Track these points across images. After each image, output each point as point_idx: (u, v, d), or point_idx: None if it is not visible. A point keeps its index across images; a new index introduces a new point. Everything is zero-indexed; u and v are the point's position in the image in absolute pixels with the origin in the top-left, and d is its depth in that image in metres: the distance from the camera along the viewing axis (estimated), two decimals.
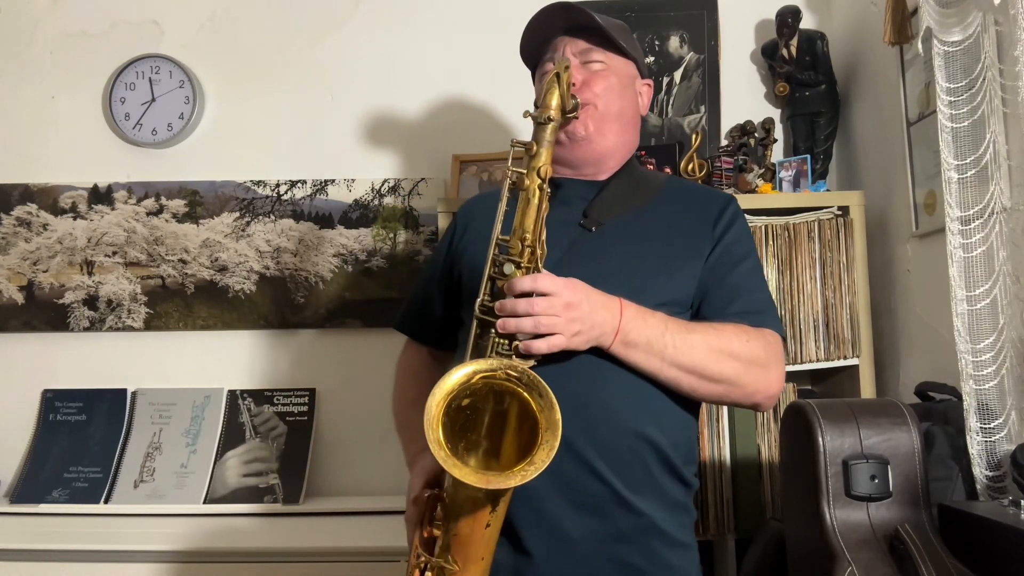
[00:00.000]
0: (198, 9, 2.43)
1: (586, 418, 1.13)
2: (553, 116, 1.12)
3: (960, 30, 1.51)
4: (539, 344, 1.06)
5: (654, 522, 1.17)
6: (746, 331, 1.20)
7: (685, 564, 1.21)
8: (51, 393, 2.32)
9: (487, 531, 1.06)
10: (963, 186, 1.52)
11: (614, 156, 1.35)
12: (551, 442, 0.97)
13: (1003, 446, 1.46)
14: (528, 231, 1.09)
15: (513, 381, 1.02)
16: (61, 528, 2.04)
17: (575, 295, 1.08)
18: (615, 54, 1.35)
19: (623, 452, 1.15)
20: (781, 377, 1.23)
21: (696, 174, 2.11)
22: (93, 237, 2.36)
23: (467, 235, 1.36)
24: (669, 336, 1.14)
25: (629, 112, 1.36)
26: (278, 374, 2.32)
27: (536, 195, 1.09)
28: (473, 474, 0.97)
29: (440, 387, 1.00)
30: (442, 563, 1.06)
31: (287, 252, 2.35)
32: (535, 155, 1.10)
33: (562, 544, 1.14)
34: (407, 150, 2.37)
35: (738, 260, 1.28)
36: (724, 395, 1.21)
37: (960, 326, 1.50)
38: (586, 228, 1.26)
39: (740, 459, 1.96)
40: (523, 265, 1.09)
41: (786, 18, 2.18)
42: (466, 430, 1.07)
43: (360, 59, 2.40)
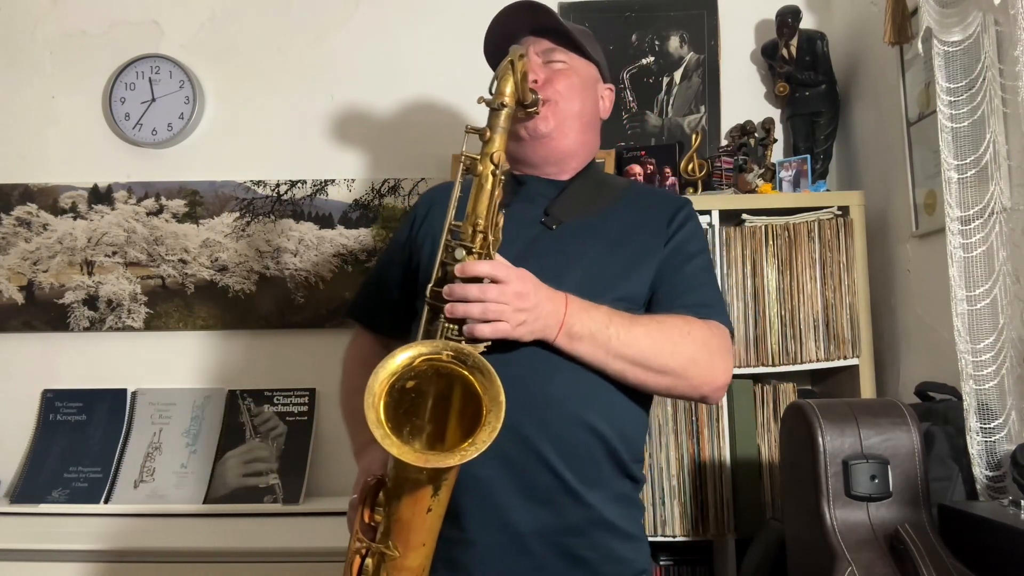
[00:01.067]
0: (198, 9, 2.43)
1: (539, 410, 1.14)
2: (507, 102, 1.12)
3: (960, 30, 1.51)
4: (483, 328, 1.05)
5: (602, 515, 1.18)
6: (690, 322, 1.21)
7: (634, 556, 1.22)
8: (51, 393, 2.32)
9: (428, 516, 1.04)
10: (963, 186, 1.52)
11: (576, 156, 1.36)
12: (493, 423, 0.96)
13: (1003, 446, 1.46)
14: (480, 217, 1.08)
15: (457, 363, 1.01)
16: (61, 528, 2.03)
17: (524, 285, 1.09)
18: (578, 55, 1.37)
19: (574, 444, 1.16)
20: (728, 369, 1.24)
21: (696, 174, 2.11)
22: (93, 237, 2.36)
23: (425, 224, 1.36)
24: (613, 328, 1.15)
25: (589, 113, 1.38)
26: (278, 374, 2.31)
27: (489, 180, 1.09)
28: (412, 453, 0.95)
29: (383, 367, 0.99)
30: (383, 549, 1.04)
31: (287, 252, 2.35)
32: (488, 141, 1.11)
33: (508, 534, 1.14)
34: (407, 150, 2.37)
35: (689, 257, 1.30)
36: (671, 387, 1.21)
37: (960, 326, 1.50)
38: (547, 226, 1.27)
39: (740, 459, 1.96)
40: (475, 251, 1.08)
41: (786, 18, 2.18)
42: (411, 415, 1.06)
43: (360, 59, 2.40)
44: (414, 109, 2.38)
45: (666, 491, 1.95)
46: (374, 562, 1.06)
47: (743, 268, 2.01)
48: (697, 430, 1.97)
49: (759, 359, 1.98)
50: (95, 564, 1.88)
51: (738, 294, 2.00)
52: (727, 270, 2.01)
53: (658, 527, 1.94)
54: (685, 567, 2.04)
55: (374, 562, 1.06)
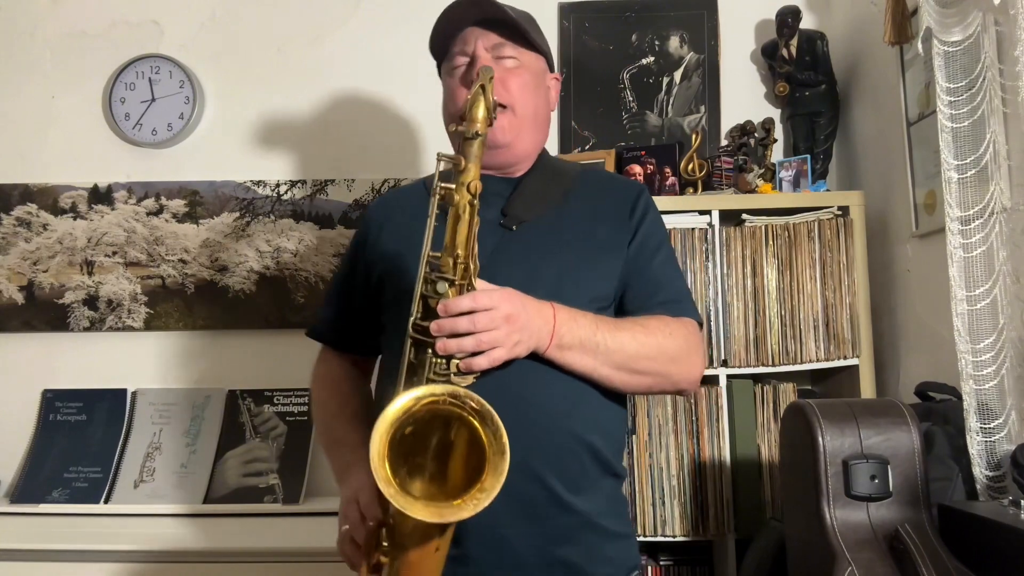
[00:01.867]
0: (198, 9, 2.43)
1: (526, 423, 1.13)
2: (480, 131, 1.07)
3: (960, 30, 1.51)
4: (480, 361, 1.05)
5: (591, 519, 1.19)
6: (668, 323, 1.24)
7: (621, 554, 1.24)
8: (51, 393, 2.32)
9: (436, 555, 1.04)
10: (963, 186, 1.52)
11: (530, 155, 1.36)
12: (499, 466, 0.96)
13: (1003, 446, 1.46)
14: (460, 247, 1.05)
15: (456, 407, 1.00)
16: (61, 528, 2.03)
17: (513, 307, 1.08)
18: (526, 49, 1.34)
19: (562, 454, 1.17)
20: (702, 363, 1.30)
21: (696, 174, 2.12)
22: (93, 237, 2.36)
23: (384, 233, 1.34)
24: (600, 335, 1.16)
25: (543, 111, 1.38)
26: (278, 374, 2.31)
27: (467, 211, 1.06)
28: (424, 508, 0.94)
29: (382, 420, 0.97)
30: None
31: (287, 252, 2.35)
32: (464, 170, 1.06)
33: (501, 548, 1.15)
34: (407, 150, 2.37)
35: (654, 250, 1.31)
36: (652, 386, 1.26)
37: (960, 326, 1.50)
38: (507, 227, 1.27)
39: (740, 459, 1.96)
40: (456, 283, 1.06)
41: (786, 18, 2.18)
42: (410, 454, 1.04)
43: (360, 59, 2.40)
44: (414, 109, 2.38)
45: (666, 491, 1.95)
46: None
47: (743, 268, 2.01)
48: (697, 430, 1.97)
49: (759, 359, 1.99)
50: (95, 564, 1.88)
51: (738, 294, 2.00)
52: (727, 270, 2.01)
53: (658, 527, 1.94)
54: (685, 567, 2.04)
55: None
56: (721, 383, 1.99)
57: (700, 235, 2.02)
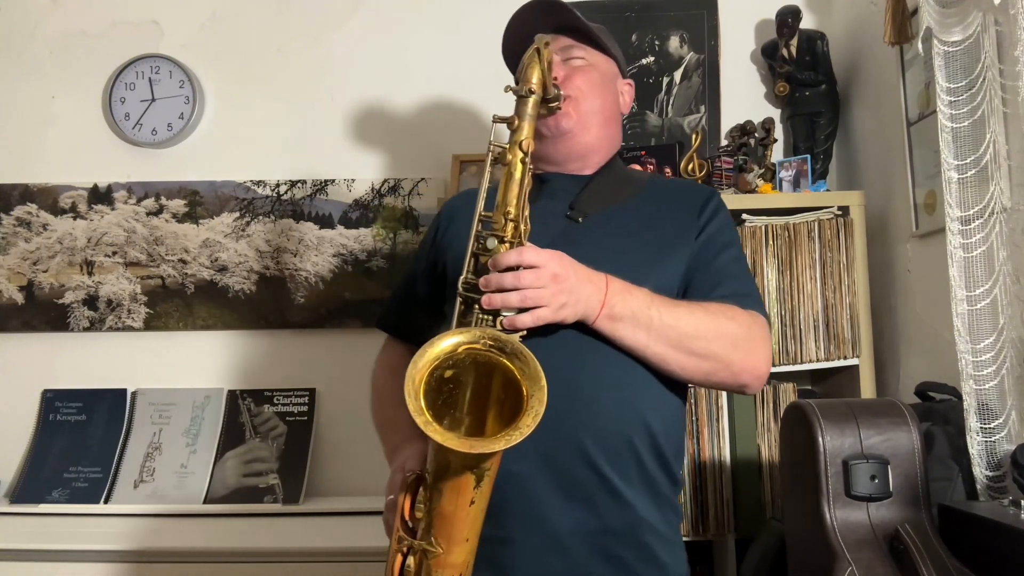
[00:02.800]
0: (198, 9, 2.43)
1: (577, 403, 1.11)
2: (534, 89, 1.11)
3: (960, 30, 1.51)
4: (524, 318, 1.03)
5: (641, 515, 1.15)
6: (732, 309, 1.18)
7: (673, 561, 1.20)
8: (51, 393, 2.32)
9: (472, 508, 1.01)
10: (963, 186, 1.52)
11: (598, 151, 1.35)
12: (536, 408, 0.93)
13: (1003, 446, 1.46)
14: (511, 205, 1.07)
15: (495, 351, 0.98)
16: (61, 528, 2.03)
17: (562, 267, 1.06)
18: (596, 51, 1.36)
19: (617, 439, 1.13)
20: (768, 358, 1.23)
21: (696, 174, 2.11)
22: (93, 237, 2.36)
23: (450, 230, 1.35)
24: (655, 310, 1.12)
25: (610, 108, 1.37)
26: (278, 374, 2.31)
27: (518, 169, 1.08)
28: (456, 439, 0.92)
29: (422, 355, 0.96)
30: (425, 545, 1.01)
31: (287, 252, 2.35)
32: (517, 129, 1.09)
33: (547, 534, 1.12)
34: (407, 150, 2.37)
35: (722, 247, 1.28)
36: (711, 373, 1.18)
37: (960, 326, 1.50)
38: (572, 219, 1.26)
39: (740, 459, 1.96)
40: (507, 240, 1.07)
41: (786, 18, 2.18)
42: (449, 406, 1.03)
43: (360, 59, 2.40)
44: (414, 109, 2.38)
45: None
46: (416, 560, 1.02)
47: None
48: (697, 430, 1.97)
49: None
50: (95, 564, 1.88)
51: None
52: None
53: None
54: None
55: (416, 560, 1.02)
56: None
57: None
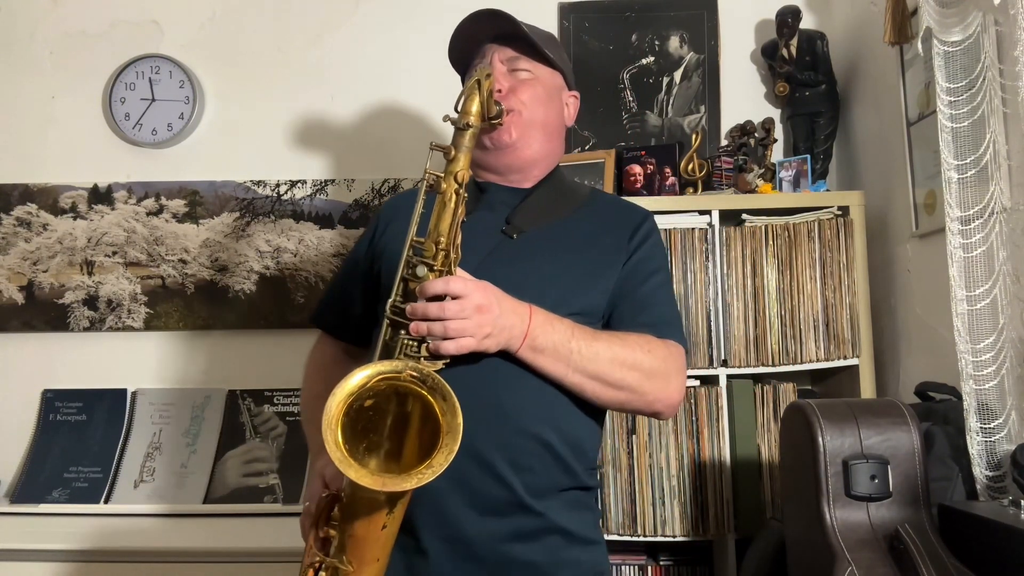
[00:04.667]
0: (198, 9, 2.43)
1: (490, 421, 1.14)
2: (472, 123, 1.13)
3: (960, 30, 1.51)
4: (447, 345, 1.06)
5: (554, 522, 1.18)
6: (650, 341, 1.22)
7: (590, 558, 1.23)
8: (51, 393, 2.32)
9: (383, 532, 1.05)
10: (963, 186, 1.52)
11: (539, 164, 1.37)
12: (451, 446, 0.97)
13: (1003, 446, 1.46)
14: (443, 235, 1.09)
15: (416, 383, 1.02)
16: (61, 528, 2.03)
17: (486, 298, 1.09)
18: (542, 64, 1.37)
19: (524, 455, 1.16)
20: (681, 387, 1.26)
21: (696, 174, 2.12)
22: (93, 237, 2.36)
23: (388, 233, 1.36)
24: (575, 343, 1.16)
25: (554, 122, 1.38)
26: (278, 374, 2.31)
27: (452, 200, 1.10)
28: (369, 476, 0.96)
29: (341, 388, 1.00)
30: (336, 563, 1.05)
31: (287, 252, 2.35)
32: (453, 160, 1.11)
33: (460, 544, 1.15)
34: (407, 150, 2.37)
35: (649, 274, 1.30)
36: (626, 402, 1.23)
37: (960, 326, 1.50)
38: (508, 235, 1.28)
39: (740, 459, 1.96)
40: (436, 268, 1.09)
41: (786, 18, 2.18)
42: (368, 431, 1.06)
43: (360, 59, 2.40)
44: (414, 109, 2.38)
45: (666, 491, 1.95)
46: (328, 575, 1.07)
47: (743, 268, 2.01)
48: (697, 430, 1.97)
49: (759, 359, 1.98)
50: (95, 564, 1.88)
51: (738, 294, 2.00)
52: (727, 270, 2.01)
53: (658, 527, 1.94)
54: (685, 567, 2.04)
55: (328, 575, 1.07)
56: (721, 383, 1.99)
57: (700, 235, 2.02)
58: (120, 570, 1.89)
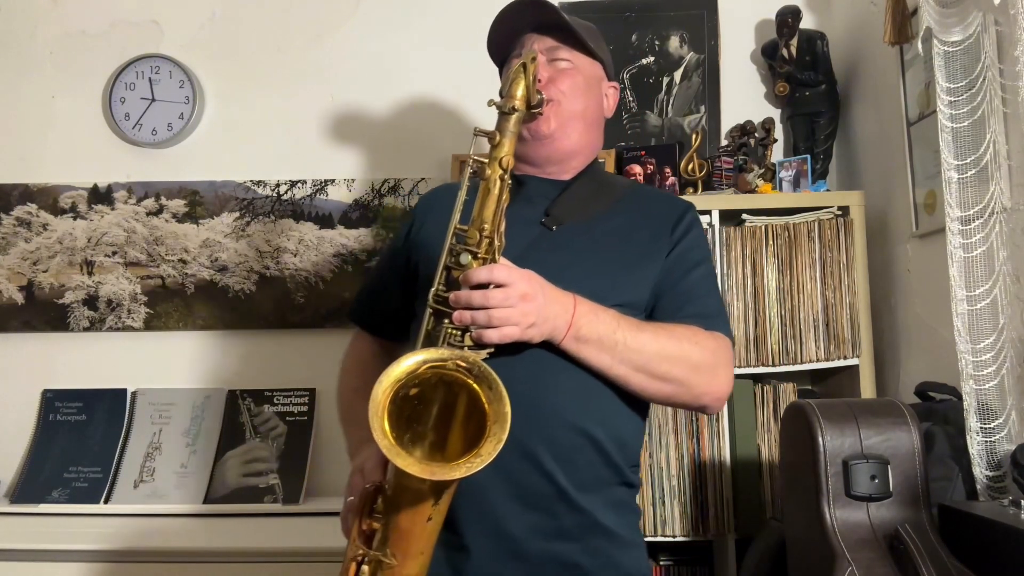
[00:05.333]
0: (198, 9, 2.43)
1: (534, 414, 1.12)
2: (518, 107, 1.11)
3: (960, 30, 1.51)
4: (491, 333, 1.04)
5: (598, 520, 1.16)
6: (697, 333, 1.20)
7: (631, 562, 1.21)
8: (51, 393, 2.32)
9: (428, 525, 1.02)
10: (963, 186, 1.52)
11: (578, 156, 1.35)
12: (499, 435, 0.95)
13: (1003, 446, 1.46)
14: (487, 221, 1.07)
15: (463, 372, 0.99)
16: (61, 528, 2.03)
17: (531, 286, 1.07)
18: (582, 53, 1.34)
19: (569, 450, 1.15)
20: (729, 380, 1.23)
21: (696, 174, 2.11)
22: (93, 237, 2.36)
23: (426, 226, 1.34)
24: (620, 333, 1.13)
25: (593, 112, 1.36)
26: (278, 374, 2.31)
27: (496, 185, 1.08)
28: (417, 464, 0.93)
29: (388, 374, 0.97)
30: (380, 557, 1.02)
31: (287, 252, 2.35)
32: (497, 145, 1.09)
33: (502, 540, 1.13)
34: (407, 150, 2.37)
35: (693, 265, 1.28)
36: (672, 395, 1.20)
37: (960, 326, 1.50)
38: (547, 227, 1.26)
39: (740, 459, 1.96)
40: (480, 256, 1.07)
41: (786, 18, 2.18)
42: (413, 421, 1.04)
43: (360, 59, 2.40)
44: (414, 109, 2.38)
45: (666, 491, 1.95)
46: (370, 569, 1.04)
47: (743, 268, 2.01)
48: (697, 430, 1.97)
49: (759, 359, 1.98)
50: (95, 564, 1.88)
51: (738, 294, 2.00)
52: (727, 270, 2.01)
53: (658, 527, 1.94)
54: (685, 567, 2.04)
55: (370, 569, 1.04)
56: None
57: None
58: (120, 570, 1.89)
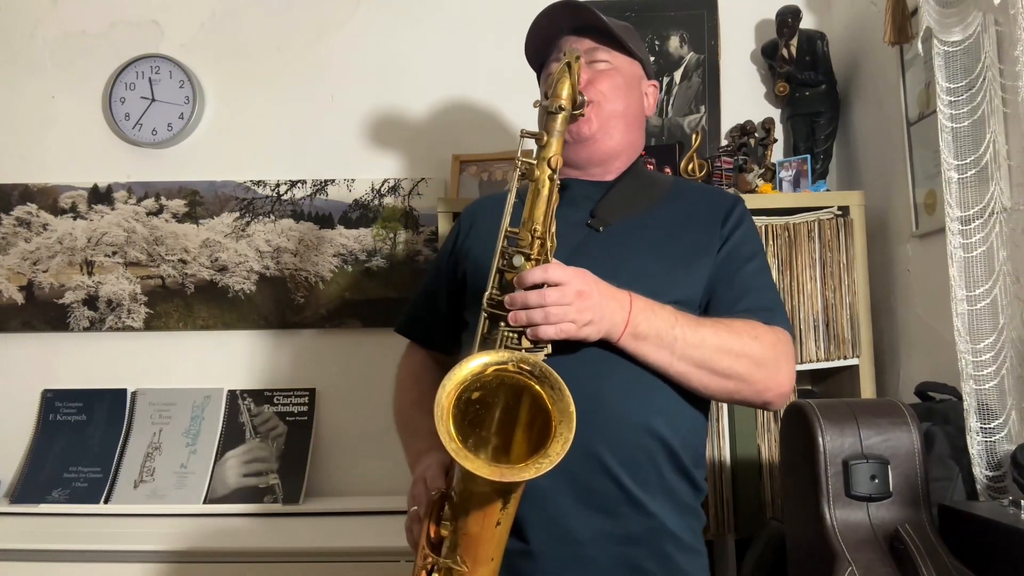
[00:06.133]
0: (198, 9, 2.43)
1: (597, 415, 1.10)
2: (564, 105, 1.09)
3: (960, 30, 1.51)
4: (548, 329, 1.03)
5: (664, 524, 1.15)
6: (756, 327, 1.17)
7: (696, 569, 1.20)
8: (51, 393, 2.32)
9: (497, 530, 1.01)
10: (963, 186, 1.52)
11: (620, 156, 1.34)
12: (565, 435, 0.94)
13: (1003, 446, 1.46)
14: (538, 222, 1.06)
15: (525, 374, 0.98)
16: (61, 528, 2.04)
17: (586, 284, 1.06)
18: (621, 53, 1.34)
19: (634, 450, 1.13)
20: (792, 375, 1.21)
21: (696, 174, 2.11)
22: (93, 237, 2.36)
23: (472, 235, 1.34)
24: (679, 329, 1.12)
25: (634, 111, 1.35)
26: (278, 374, 2.32)
27: (546, 186, 1.07)
28: (486, 466, 0.92)
29: (451, 378, 0.96)
30: (451, 564, 1.02)
31: (287, 252, 2.35)
32: (545, 145, 1.08)
33: (568, 545, 1.12)
34: (407, 150, 2.37)
35: (747, 259, 1.26)
36: (734, 392, 1.18)
37: (960, 326, 1.50)
38: (594, 228, 1.25)
39: (740, 459, 1.96)
40: (533, 257, 1.06)
41: (786, 18, 2.18)
42: (475, 426, 1.03)
43: (360, 59, 2.40)
44: (414, 109, 2.38)
45: None
46: None
47: None
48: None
49: None
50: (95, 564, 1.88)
51: None
52: None
53: None
54: None
55: None
56: None
57: None
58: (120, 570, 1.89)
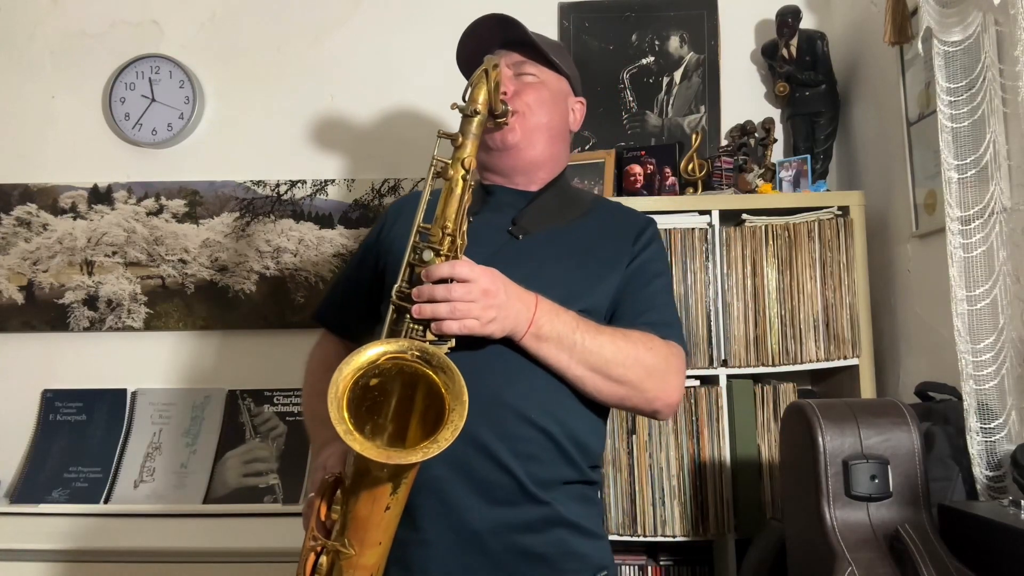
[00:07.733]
0: (198, 9, 2.43)
1: (494, 411, 1.15)
2: (479, 110, 1.15)
3: (960, 30, 1.51)
4: (452, 324, 1.07)
5: (559, 512, 1.18)
6: (652, 340, 1.23)
7: (595, 552, 1.23)
8: (51, 393, 2.32)
9: (387, 514, 1.04)
10: (963, 186, 1.52)
11: (544, 167, 1.38)
12: (456, 422, 0.97)
13: (1003, 446, 1.46)
14: (449, 220, 1.11)
15: (421, 362, 1.01)
16: (61, 528, 2.03)
17: (493, 283, 1.10)
18: (548, 69, 1.39)
19: (527, 444, 1.17)
20: (680, 388, 1.27)
21: (696, 174, 2.12)
22: (93, 237, 2.36)
23: (394, 230, 1.37)
24: (579, 334, 1.17)
25: (558, 125, 1.40)
26: (278, 374, 2.31)
27: (459, 185, 1.12)
28: (373, 448, 0.95)
29: (348, 363, 0.99)
30: (338, 546, 1.04)
31: (287, 252, 2.35)
32: (460, 146, 1.14)
33: (464, 534, 1.15)
34: (407, 150, 2.37)
35: (652, 277, 1.32)
36: (625, 398, 1.23)
37: (960, 326, 1.50)
38: (514, 235, 1.29)
39: (740, 459, 1.96)
40: (443, 253, 1.10)
41: (786, 18, 2.18)
42: (373, 413, 1.06)
43: (360, 59, 2.40)
44: (414, 109, 2.38)
45: (666, 491, 1.95)
46: (328, 560, 1.06)
47: (743, 268, 2.01)
48: (697, 430, 1.97)
49: (759, 359, 1.99)
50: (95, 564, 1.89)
51: (738, 294, 2.00)
52: (727, 270, 2.01)
53: (658, 527, 1.94)
54: (685, 567, 2.04)
55: (328, 560, 1.06)
56: (721, 383, 1.99)
57: (700, 235, 2.02)
58: (120, 570, 1.89)
